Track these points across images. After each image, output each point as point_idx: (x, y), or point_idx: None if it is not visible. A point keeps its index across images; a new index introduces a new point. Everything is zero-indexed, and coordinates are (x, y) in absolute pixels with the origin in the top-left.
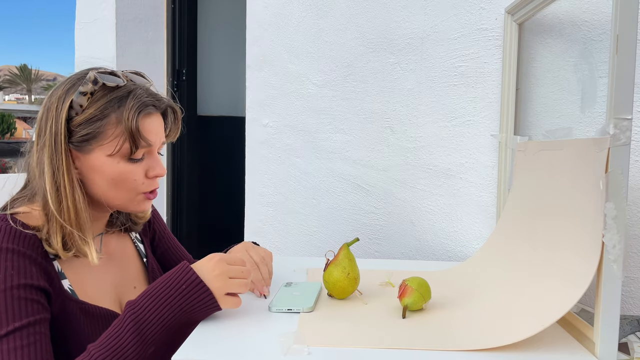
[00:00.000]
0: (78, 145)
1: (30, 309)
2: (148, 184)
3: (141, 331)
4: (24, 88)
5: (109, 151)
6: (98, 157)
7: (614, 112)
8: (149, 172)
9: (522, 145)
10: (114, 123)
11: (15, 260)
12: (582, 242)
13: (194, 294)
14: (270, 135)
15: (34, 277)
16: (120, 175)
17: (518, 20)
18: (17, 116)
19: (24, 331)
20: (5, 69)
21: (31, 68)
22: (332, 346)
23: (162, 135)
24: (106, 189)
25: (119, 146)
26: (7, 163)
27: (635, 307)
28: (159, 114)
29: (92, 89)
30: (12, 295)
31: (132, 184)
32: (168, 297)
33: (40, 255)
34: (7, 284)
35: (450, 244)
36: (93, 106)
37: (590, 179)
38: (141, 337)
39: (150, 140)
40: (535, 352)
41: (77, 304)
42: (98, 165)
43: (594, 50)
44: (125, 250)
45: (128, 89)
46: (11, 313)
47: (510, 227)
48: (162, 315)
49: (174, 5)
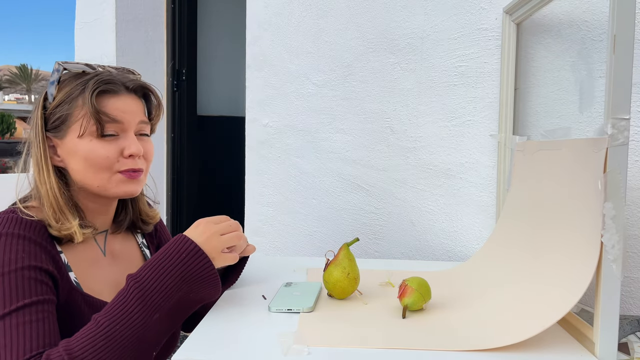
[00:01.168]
0: (54, 132)
1: (39, 289)
2: (125, 162)
3: (145, 297)
4: (24, 88)
5: (78, 132)
6: (71, 139)
7: (612, 112)
8: (124, 151)
9: (521, 145)
10: (80, 105)
11: (27, 245)
12: (581, 242)
13: (191, 260)
14: (270, 135)
15: (43, 261)
16: (91, 153)
17: (516, 20)
18: (17, 116)
19: (32, 308)
20: (5, 69)
21: (31, 68)
22: (332, 346)
23: (136, 115)
24: (83, 171)
25: (84, 125)
26: (7, 163)
27: (635, 307)
28: (130, 95)
29: (58, 77)
30: (23, 275)
31: (104, 161)
32: (168, 266)
33: (49, 245)
34: (18, 264)
35: (450, 244)
36: (61, 92)
37: (588, 179)
38: (145, 303)
39: (116, 117)
40: (535, 352)
41: (82, 296)
42: (72, 147)
43: (593, 50)
44: (130, 253)
45: (94, 74)
46: (21, 291)
47: (509, 227)
48: (164, 282)
49: (174, 5)
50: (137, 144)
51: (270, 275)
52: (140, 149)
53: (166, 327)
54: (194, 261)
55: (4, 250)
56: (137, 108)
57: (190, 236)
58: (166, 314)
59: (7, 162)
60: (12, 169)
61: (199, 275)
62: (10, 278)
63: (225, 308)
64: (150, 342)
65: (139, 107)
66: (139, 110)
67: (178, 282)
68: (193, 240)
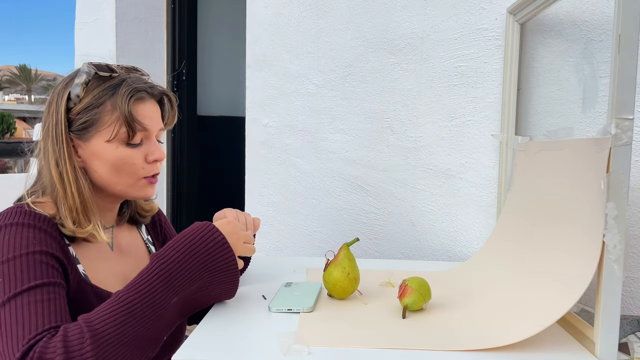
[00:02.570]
0: (78, 133)
1: (50, 272)
2: (148, 169)
3: (169, 278)
4: (24, 88)
5: (107, 137)
6: (97, 143)
7: (616, 112)
8: (149, 156)
9: (523, 145)
10: (110, 110)
11: (37, 233)
12: (582, 242)
13: (218, 251)
14: (270, 135)
15: (53, 248)
16: (119, 160)
17: (520, 20)
18: (17, 116)
19: (44, 288)
20: (5, 69)
21: (31, 68)
22: (332, 346)
23: (158, 122)
24: (107, 174)
25: (115, 131)
26: (7, 163)
27: (635, 307)
28: (153, 101)
29: (87, 79)
30: (34, 259)
31: (131, 168)
32: (195, 252)
33: (59, 236)
34: (30, 248)
35: (450, 244)
36: (89, 95)
37: (591, 179)
38: (169, 283)
39: (146, 125)
40: (535, 352)
41: (91, 287)
42: (98, 151)
43: (595, 50)
44: (136, 248)
45: (121, 78)
46: (32, 272)
47: (510, 227)
48: (189, 266)
49: (174, 5)
50: (161, 150)
51: (270, 275)
52: (164, 154)
53: (178, 315)
54: (220, 252)
55: (15, 236)
56: (158, 113)
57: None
58: (182, 301)
59: (7, 162)
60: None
61: (222, 268)
62: (22, 261)
63: (225, 308)
64: (165, 324)
65: (159, 113)
66: (159, 116)
67: (202, 269)
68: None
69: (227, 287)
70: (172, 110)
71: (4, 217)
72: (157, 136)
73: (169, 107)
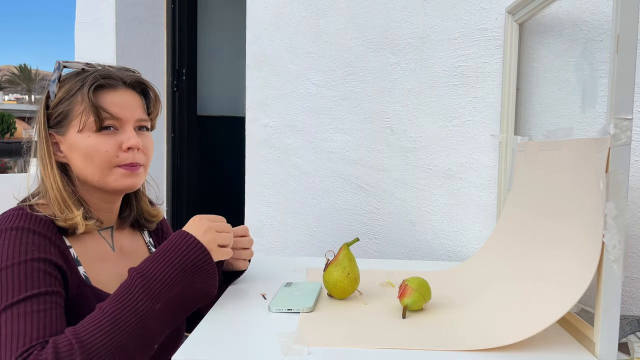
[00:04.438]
0: (56, 129)
1: (47, 281)
2: (123, 157)
3: (148, 287)
4: (24, 88)
5: (78, 127)
6: (72, 135)
7: (615, 112)
8: (123, 144)
9: (522, 145)
10: (80, 101)
11: (36, 239)
12: (582, 242)
13: (191, 252)
14: (270, 135)
15: (52, 254)
16: (90, 149)
17: (519, 20)
18: (17, 116)
19: (40, 298)
20: (5, 69)
21: (31, 68)
22: (332, 346)
23: (134, 111)
24: (83, 165)
25: (83, 120)
26: (7, 163)
27: (635, 307)
28: (128, 90)
29: (58, 75)
30: (32, 267)
31: (103, 155)
32: (170, 258)
33: (58, 239)
34: (29, 256)
35: (450, 244)
36: (62, 90)
37: (590, 179)
38: (149, 291)
39: (114, 113)
40: (535, 352)
41: (91, 289)
42: (73, 143)
43: (595, 50)
44: (138, 249)
45: (94, 71)
46: (30, 281)
47: (510, 227)
48: (165, 273)
49: (174, 5)
50: (136, 137)
51: (270, 275)
52: (139, 142)
53: (168, 321)
54: (193, 253)
55: (15, 242)
56: (136, 103)
57: (188, 230)
58: (167, 306)
59: (7, 162)
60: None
61: (198, 265)
62: (20, 269)
63: (225, 308)
64: (152, 332)
65: (137, 102)
66: (137, 105)
67: (179, 272)
68: (190, 234)
69: (209, 282)
70: (153, 99)
71: (4, 221)
72: (138, 125)
73: (153, 98)
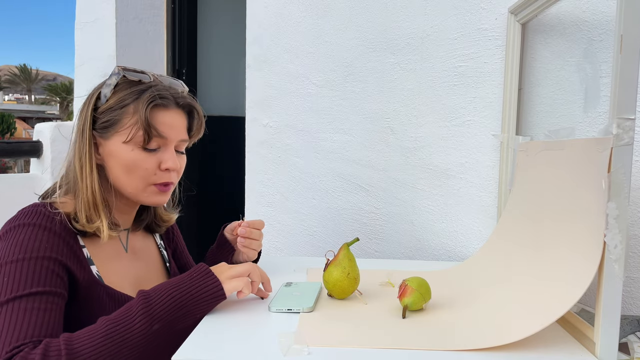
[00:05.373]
0: (100, 131)
1: (53, 281)
2: (160, 176)
3: (149, 306)
4: (24, 88)
5: (124, 138)
6: (115, 143)
7: (617, 112)
8: (162, 164)
9: (523, 145)
10: (131, 113)
11: (50, 237)
12: (583, 242)
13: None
14: (270, 135)
15: (63, 255)
16: (132, 162)
17: (521, 20)
18: (17, 116)
19: (43, 296)
20: (5, 69)
21: (31, 68)
22: (332, 346)
23: (180, 132)
24: (120, 174)
25: (132, 134)
26: (7, 163)
27: (635, 307)
28: (178, 110)
29: (116, 81)
30: (42, 265)
31: (143, 172)
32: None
33: (73, 239)
34: (40, 253)
35: (450, 244)
36: (115, 96)
37: (592, 178)
38: (148, 310)
39: (163, 132)
40: (535, 352)
41: (104, 288)
42: (114, 150)
43: (596, 50)
44: (150, 252)
45: (150, 85)
46: (36, 278)
47: (510, 227)
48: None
49: (174, 5)
50: (175, 160)
51: (271, 275)
52: (177, 164)
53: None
54: (203, 279)
55: (28, 238)
56: (182, 124)
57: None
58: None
59: (7, 162)
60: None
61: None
62: (30, 265)
63: (225, 308)
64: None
65: (183, 124)
66: (182, 127)
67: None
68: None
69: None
70: (199, 124)
71: (22, 216)
72: (177, 147)
73: (197, 120)
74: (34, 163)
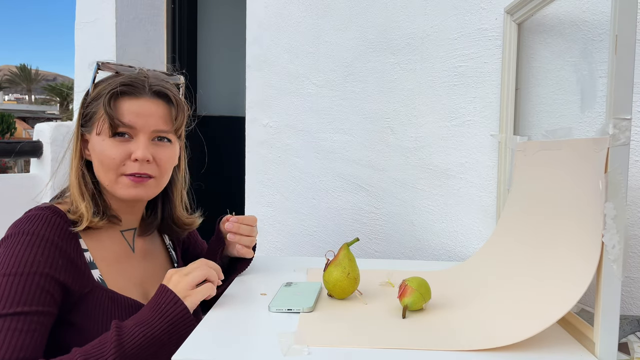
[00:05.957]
0: (84, 127)
1: (43, 299)
2: (130, 166)
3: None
4: (24, 88)
5: (96, 130)
6: (92, 136)
7: (614, 112)
8: (132, 154)
9: (521, 145)
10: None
11: (47, 249)
12: (581, 242)
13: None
14: (270, 135)
15: (59, 269)
16: (102, 153)
17: (517, 20)
18: (17, 116)
19: (28, 317)
20: (5, 69)
21: (31, 68)
22: (332, 346)
23: (152, 120)
24: (97, 167)
25: (101, 125)
26: (7, 163)
27: (635, 307)
28: (153, 99)
29: (93, 75)
30: (33, 280)
31: (111, 162)
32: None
33: (73, 248)
34: (33, 268)
35: (450, 244)
36: (95, 91)
37: (589, 179)
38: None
39: (127, 121)
40: (535, 352)
41: (106, 292)
42: (93, 143)
43: (594, 50)
44: (157, 252)
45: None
46: (25, 296)
47: (510, 227)
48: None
49: (174, 5)
50: (144, 150)
51: (271, 275)
52: (147, 155)
53: None
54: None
55: (25, 250)
56: (157, 112)
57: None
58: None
59: (7, 162)
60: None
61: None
62: (20, 280)
63: (225, 308)
64: None
65: (159, 112)
66: (157, 116)
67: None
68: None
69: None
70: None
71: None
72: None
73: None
74: (34, 163)
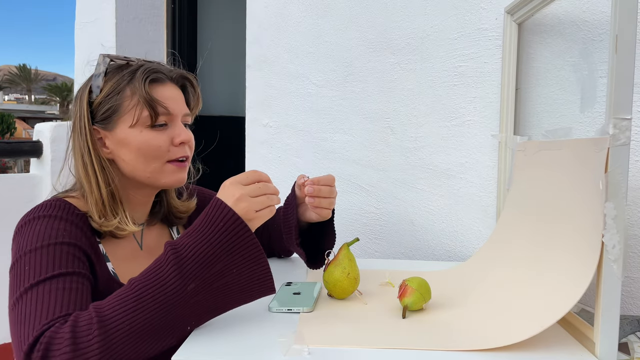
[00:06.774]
0: (102, 123)
1: (75, 263)
2: (175, 151)
3: (181, 264)
4: (24, 88)
5: (130, 122)
6: (122, 130)
7: (614, 112)
8: (175, 139)
9: (521, 145)
10: (129, 95)
11: (68, 227)
12: (581, 242)
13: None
14: (270, 135)
15: (82, 242)
16: (144, 144)
17: (517, 20)
18: (17, 116)
19: (67, 277)
20: (5, 69)
21: (31, 68)
22: (332, 346)
23: (181, 105)
24: (135, 161)
25: (137, 115)
26: (7, 163)
27: (635, 307)
28: (173, 85)
29: (104, 69)
30: (61, 249)
31: (157, 151)
32: (207, 234)
33: (90, 232)
34: (59, 239)
35: (450, 244)
36: (108, 84)
37: (589, 179)
38: (181, 270)
39: (168, 106)
40: (536, 352)
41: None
42: (123, 138)
43: (594, 50)
44: None
45: (139, 65)
46: (58, 262)
47: (510, 227)
48: (201, 250)
49: (174, 5)
50: (187, 132)
51: None
52: (191, 136)
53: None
54: (233, 229)
55: (46, 227)
56: (180, 98)
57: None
58: (204, 288)
59: (7, 162)
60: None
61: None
62: (49, 250)
63: None
64: (184, 314)
65: (182, 97)
66: (182, 100)
67: (217, 250)
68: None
69: (254, 268)
70: (196, 94)
71: (40, 209)
72: (183, 121)
73: (192, 91)
74: (34, 163)
